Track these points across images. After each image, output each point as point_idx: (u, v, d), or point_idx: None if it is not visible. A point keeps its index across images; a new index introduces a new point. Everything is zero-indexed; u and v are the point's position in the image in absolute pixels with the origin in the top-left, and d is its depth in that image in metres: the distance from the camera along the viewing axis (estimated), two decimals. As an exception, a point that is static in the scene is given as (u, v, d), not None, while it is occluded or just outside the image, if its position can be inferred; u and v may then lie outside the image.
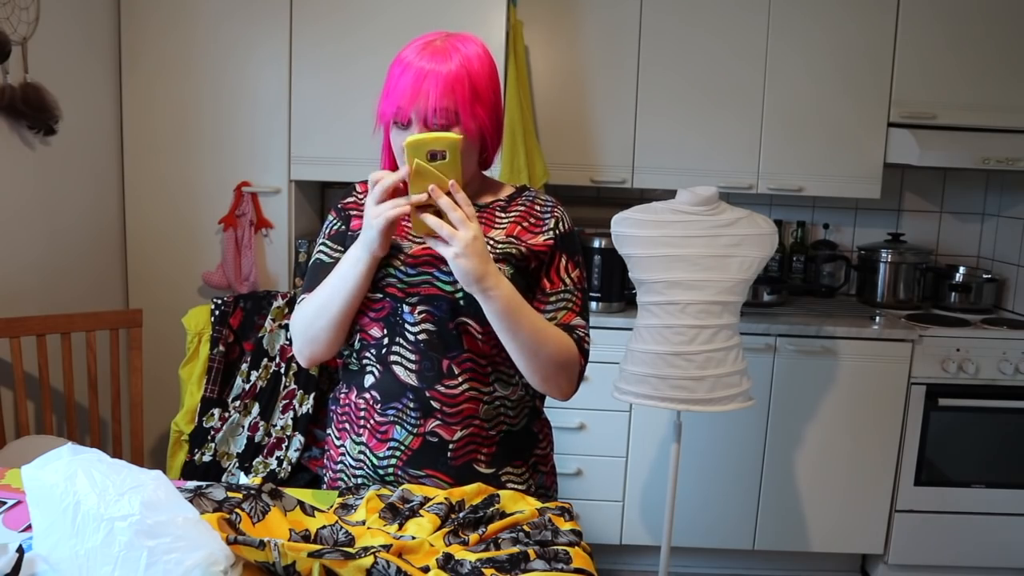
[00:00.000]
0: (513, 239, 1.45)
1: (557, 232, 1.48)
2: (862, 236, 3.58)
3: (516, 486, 1.48)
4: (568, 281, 1.48)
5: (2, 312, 2.34)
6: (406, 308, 1.42)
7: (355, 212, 1.53)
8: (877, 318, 3.10)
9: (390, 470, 1.45)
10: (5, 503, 1.45)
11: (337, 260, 1.48)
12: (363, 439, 1.48)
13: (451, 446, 1.44)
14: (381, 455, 1.46)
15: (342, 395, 1.54)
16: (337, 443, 1.55)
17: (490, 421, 1.46)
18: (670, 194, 2.52)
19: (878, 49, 3.12)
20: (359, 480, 1.49)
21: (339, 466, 1.54)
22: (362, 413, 1.48)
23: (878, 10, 3.10)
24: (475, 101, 1.38)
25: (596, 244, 3.03)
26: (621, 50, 3.13)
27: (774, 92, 3.14)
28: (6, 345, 2.32)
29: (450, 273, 1.37)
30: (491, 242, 1.43)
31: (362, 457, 1.48)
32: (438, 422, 1.43)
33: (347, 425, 1.52)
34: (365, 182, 1.52)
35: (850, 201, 3.55)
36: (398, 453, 1.45)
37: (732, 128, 3.16)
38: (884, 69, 3.13)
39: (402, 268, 1.42)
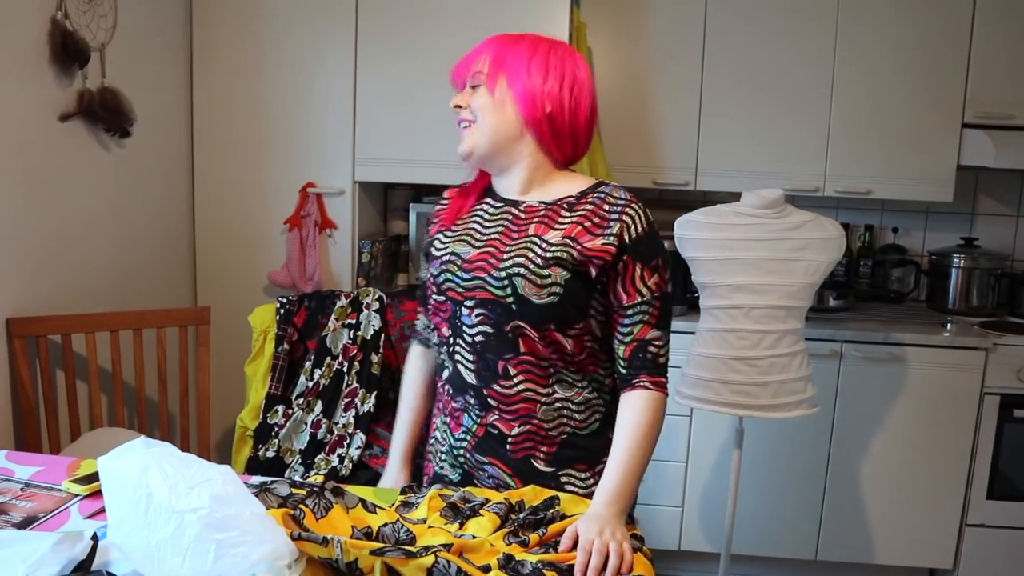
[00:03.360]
0: (569, 241, 1.42)
1: (627, 237, 1.43)
2: (933, 240, 3.48)
3: (575, 489, 1.48)
4: (645, 291, 1.44)
5: (78, 308, 2.42)
6: (464, 311, 1.46)
7: (435, 221, 1.62)
8: (948, 325, 3.01)
9: (461, 451, 1.53)
10: (78, 493, 1.50)
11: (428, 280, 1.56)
12: (446, 420, 1.56)
13: (510, 440, 1.48)
14: (456, 437, 1.54)
15: (438, 377, 1.63)
16: (434, 418, 1.64)
17: (550, 421, 1.47)
18: (734, 196, 2.48)
19: (952, 47, 3.02)
20: (443, 456, 1.57)
21: (432, 440, 1.63)
22: (445, 397, 1.56)
23: (953, 6, 3.00)
24: (513, 74, 1.45)
25: (657, 247, 3.00)
26: (685, 51, 3.10)
27: (842, 92, 3.07)
28: (82, 340, 2.40)
29: (500, 279, 1.42)
30: (544, 243, 1.42)
31: (444, 436, 1.57)
32: (496, 416, 1.48)
33: (440, 404, 1.60)
34: (454, 188, 1.64)
35: (920, 204, 3.45)
36: (468, 438, 1.52)
37: (798, 129, 3.10)
38: (959, 68, 3.03)
39: (459, 273, 1.46)
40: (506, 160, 1.50)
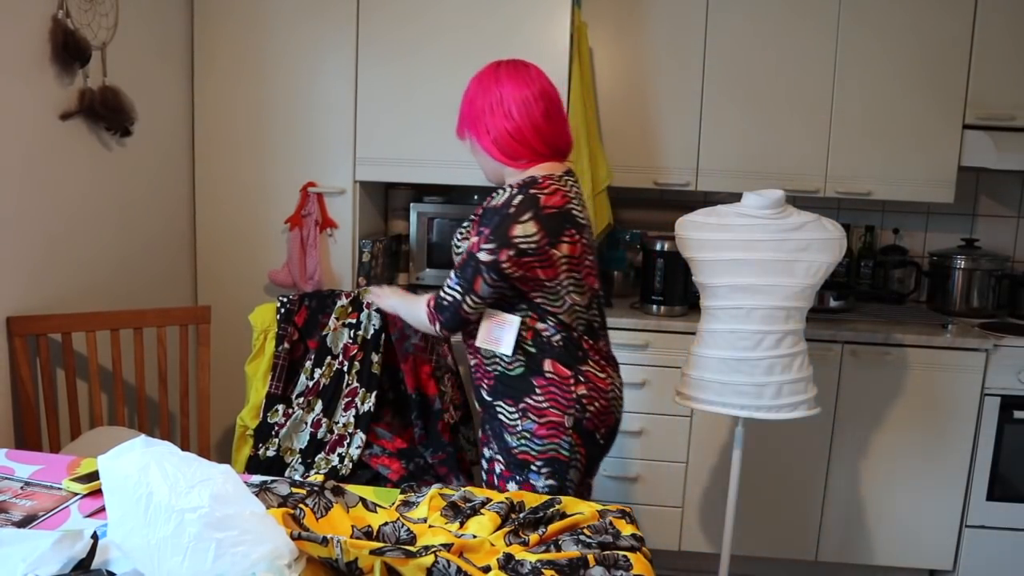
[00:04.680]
0: (467, 228, 1.96)
1: (480, 216, 1.90)
2: (934, 241, 3.48)
3: (504, 419, 1.89)
4: (466, 252, 1.86)
5: (79, 307, 2.42)
6: None
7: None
8: (949, 326, 3.01)
9: None
10: (78, 492, 1.50)
11: None
12: None
13: (472, 370, 1.99)
14: None
15: None
16: None
17: (488, 359, 1.91)
18: (734, 197, 2.48)
19: (954, 48, 3.02)
20: None
21: None
22: None
23: (954, 8, 3.00)
24: (463, 120, 1.95)
25: (659, 247, 3.00)
26: (686, 51, 3.10)
27: (843, 93, 3.07)
28: (82, 339, 2.40)
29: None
30: (463, 230, 1.97)
31: None
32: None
33: None
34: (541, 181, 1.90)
35: (921, 205, 3.45)
36: None
37: (799, 130, 3.10)
38: (960, 69, 3.03)
39: None
40: (501, 178, 1.96)
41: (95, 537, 1.18)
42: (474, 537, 1.22)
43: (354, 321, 2.55)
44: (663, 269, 3.00)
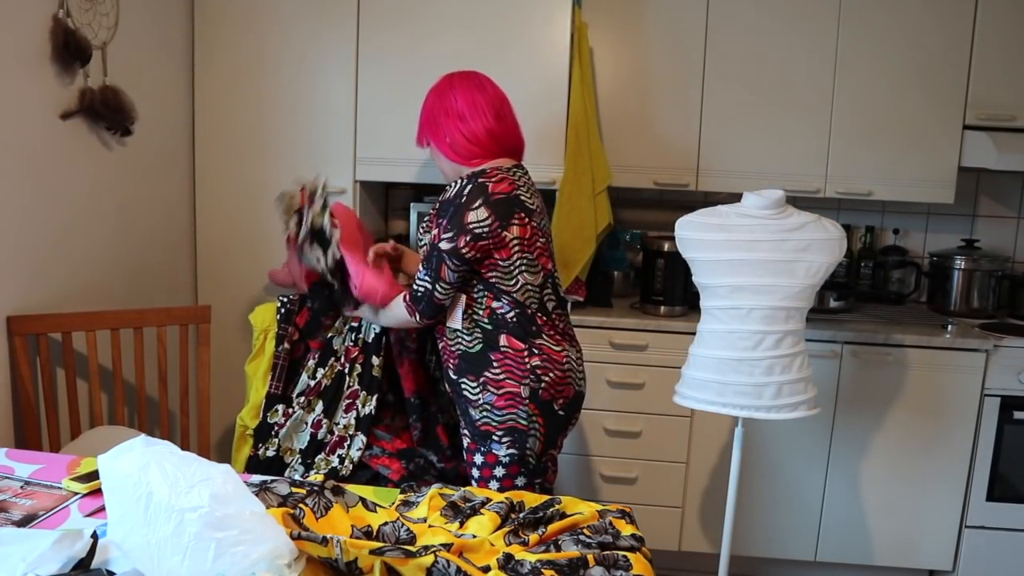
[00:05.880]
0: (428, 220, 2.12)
1: (437, 209, 2.04)
2: (934, 242, 3.48)
3: (468, 394, 2.04)
4: (429, 244, 2.03)
5: (79, 306, 2.42)
6: None
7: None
8: (949, 327, 3.00)
9: None
10: (78, 491, 1.50)
11: None
12: None
13: (441, 349, 2.15)
14: None
15: None
16: None
17: (452, 340, 2.08)
18: (734, 198, 2.48)
19: (954, 49, 3.02)
20: None
21: None
22: None
23: (955, 8, 3.00)
24: (422, 128, 2.17)
25: (659, 247, 3.00)
26: (687, 52, 3.10)
27: (844, 94, 3.07)
28: (82, 338, 2.40)
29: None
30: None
31: None
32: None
33: None
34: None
35: (921, 206, 3.45)
36: None
37: (800, 130, 3.10)
38: (960, 70, 3.03)
39: None
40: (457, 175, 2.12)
41: (95, 536, 1.18)
42: (474, 537, 1.22)
43: (356, 324, 2.55)
44: (663, 269, 3.00)
